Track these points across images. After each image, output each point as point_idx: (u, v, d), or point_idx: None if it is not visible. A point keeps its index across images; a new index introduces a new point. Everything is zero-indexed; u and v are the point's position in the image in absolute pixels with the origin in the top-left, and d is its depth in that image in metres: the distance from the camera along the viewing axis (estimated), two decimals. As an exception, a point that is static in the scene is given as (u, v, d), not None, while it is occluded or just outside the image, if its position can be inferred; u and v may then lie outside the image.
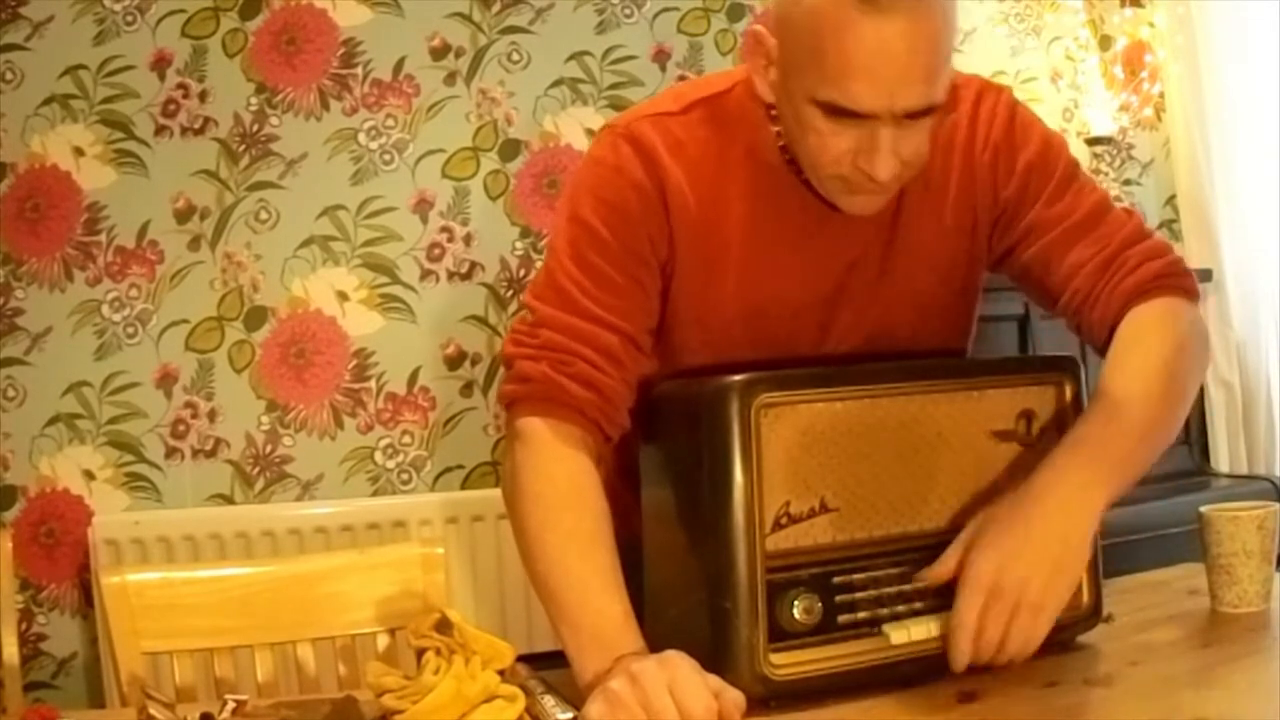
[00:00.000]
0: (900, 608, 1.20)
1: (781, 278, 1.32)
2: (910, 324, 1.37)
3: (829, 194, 1.26)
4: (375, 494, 2.94)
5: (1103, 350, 1.32)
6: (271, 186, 2.91)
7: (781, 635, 1.14)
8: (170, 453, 2.84)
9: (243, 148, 2.90)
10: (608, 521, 1.23)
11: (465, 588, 2.79)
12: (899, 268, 1.35)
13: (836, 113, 1.17)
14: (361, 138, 2.96)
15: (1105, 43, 3.53)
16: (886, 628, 1.18)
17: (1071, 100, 3.52)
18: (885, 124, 1.16)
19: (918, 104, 1.16)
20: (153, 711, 1.11)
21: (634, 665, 1.07)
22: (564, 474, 1.24)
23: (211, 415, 2.86)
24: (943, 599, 1.21)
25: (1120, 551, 1.56)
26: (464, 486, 2.99)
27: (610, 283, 1.27)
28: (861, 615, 1.18)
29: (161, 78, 2.86)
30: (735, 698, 1.06)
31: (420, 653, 1.17)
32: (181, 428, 2.84)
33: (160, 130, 2.86)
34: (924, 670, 1.18)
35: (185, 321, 2.86)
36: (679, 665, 1.06)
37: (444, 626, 1.17)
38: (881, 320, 1.36)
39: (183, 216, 2.87)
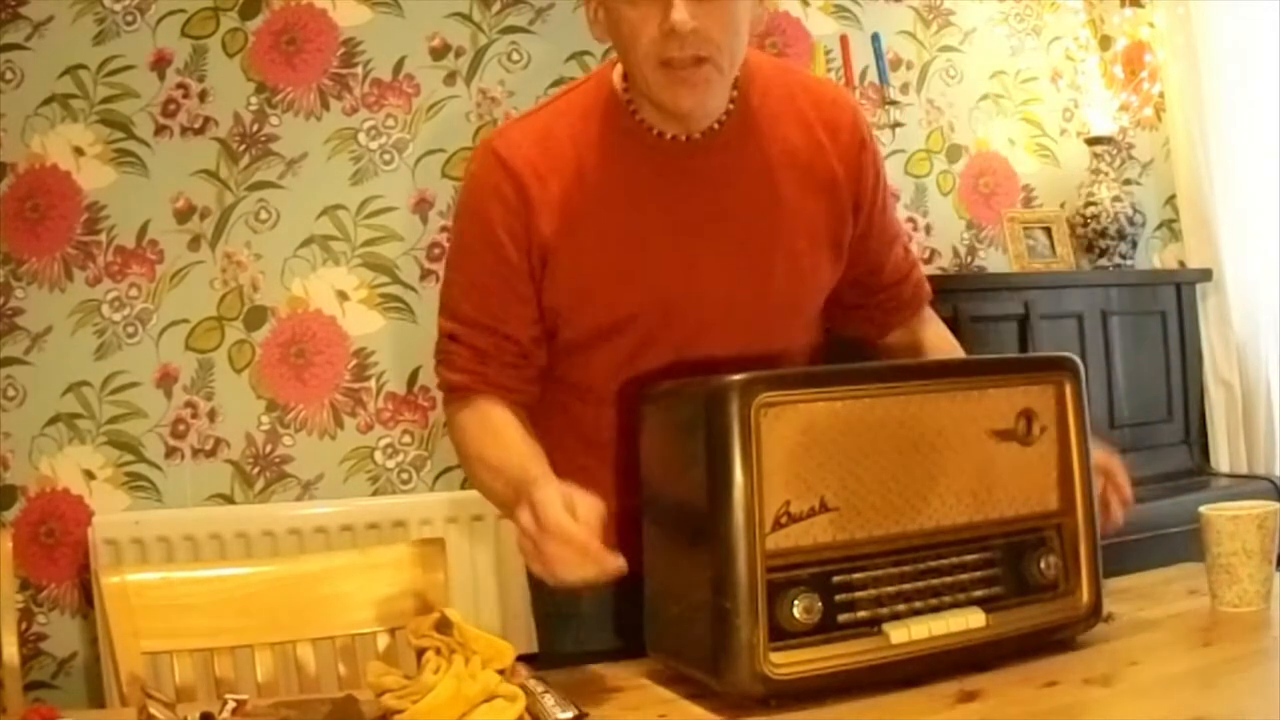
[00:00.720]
0: (900, 607, 1.20)
1: (646, 228, 1.43)
2: (786, 279, 1.47)
3: (659, 96, 1.37)
4: (375, 494, 2.94)
5: (882, 328, 1.63)
6: (271, 186, 2.91)
7: (781, 634, 1.14)
8: (170, 452, 2.84)
9: (243, 147, 2.90)
10: (523, 436, 1.44)
11: (465, 588, 2.79)
12: (767, 225, 1.46)
13: None
14: (361, 137, 2.96)
15: (1105, 43, 3.53)
16: (886, 627, 1.18)
17: (1071, 100, 3.52)
18: None
19: None
20: (153, 711, 1.11)
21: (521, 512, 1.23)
22: (480, 420, 1.47)
23: (211, 415, 2.86)
24: (941, 599, 1.22)
25: (1120, 551, 1.56)
26: (464, 486, 2.98)
27: (481, 288, 1.46)
28: (861, 614, 1.18)
29: (161, 77, 2.86)
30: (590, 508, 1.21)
31: (420, 652, 1.17)
32: (181, 427, 2.84)
33: (160, 130, 2.86)
34: (924, 669, 1.18)
35: (185, 321, 2.86)
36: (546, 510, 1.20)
37: (444, 626, 1.17)
38: (753, 272, 1.46)
39: (183, 216, 2.87)
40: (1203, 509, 1.38)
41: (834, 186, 1.48)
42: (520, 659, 1.19)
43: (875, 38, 3.19)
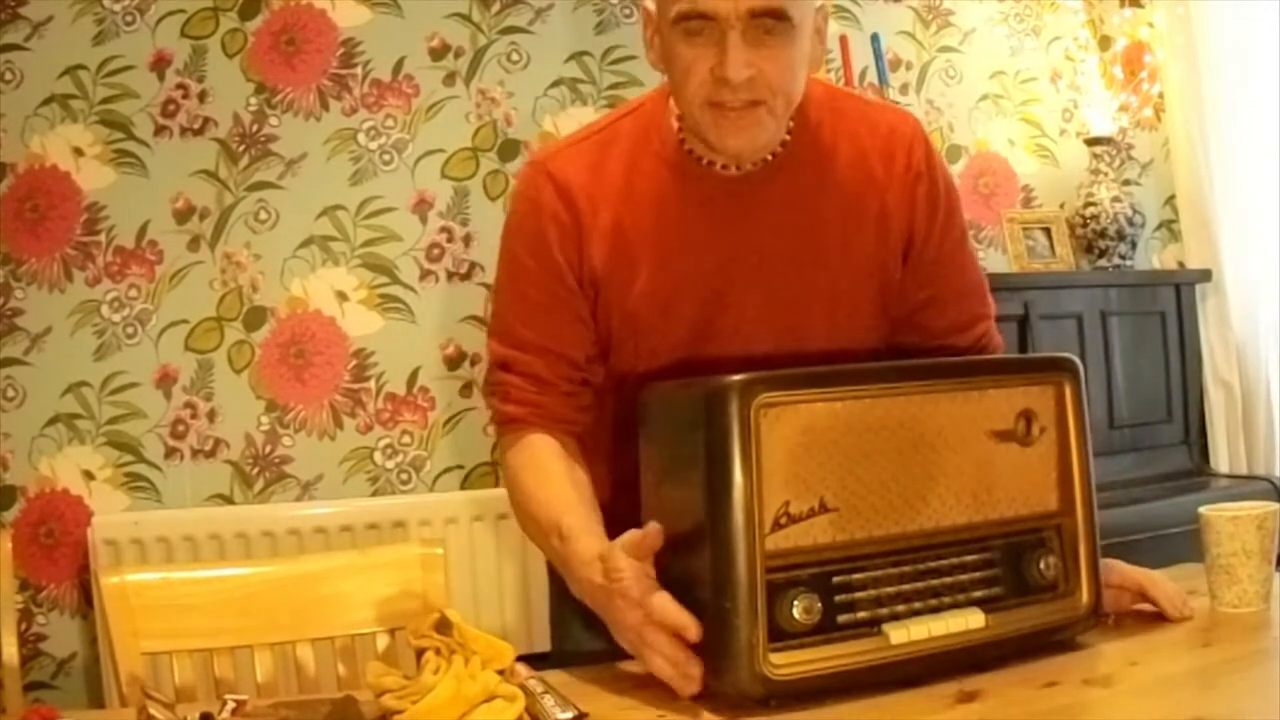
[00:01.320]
0: (900, 607, 1.20)
1: (692, 261, 1.41)
2: (823, 319, 1.45)
3: (706, 135, 1.35)
4: (375, 494, 2.94)
5: None
6: (271, 187, 2.91)
7: (781, 635, 1.14)
8: (170, 453, 2.84)
9: (242, 148, 2.90)
10: (569, 480, 1.40)
11: (465, 588, 2.79)
12: (810, 261, 1.43)
13: (690, 20, 1.28)
14: (361, 138, 2.96)
15: (1105, 43, 3.53)
16: (886, 627, 1.18)
17: (1071, 100, 3.52)
18: (734, 28, 1.27)
19: (760, 3, 1.26)
20: (152, 711, 1.11)
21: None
22: (528, 462, 1.43)
23: (211, 415, 2.86)
24: (941, 599, 1.22)
25: (1120, 551, 1.56)
26: (463, 486, 2.99)
27: (542, 309, 1.44)
28: (861, 615, 1.18)
29: (161, 78, 2.86)
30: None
31: (420, 653, 1.17)
32: (181, 428, 2.84)
33: (160, 130, 2.86)
34: (923, 670, 1.18)
35: (185, 322, 2.86)
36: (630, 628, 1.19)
37: (443, 626, 1.17)
38: (793, 311, 1.44)
39: (182, 217, 2.87)
40: (1202, 510, 1.38)
41: (884, 221, 1.44)
42: (520, 659, 1.19)
43: (875, 38, 3.19)
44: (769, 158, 1.41)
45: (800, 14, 1.30)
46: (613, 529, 1.30)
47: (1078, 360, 1.31)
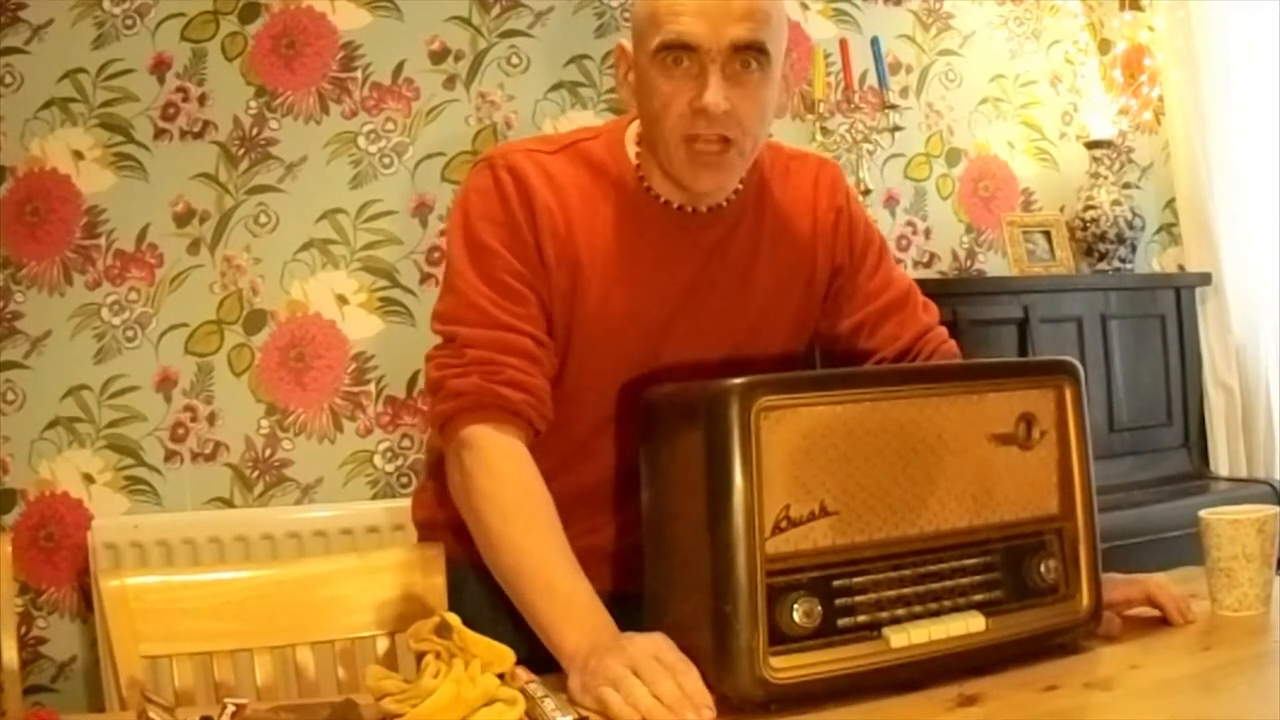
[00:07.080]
0: (900, 611, 1.20)
1: (640, 289, 1.43)
2: (750, 365, 1.48)
3: (679, 172, 1.38)
4: (375, 497, 2.94)
5: None
6: (271, 190, 2.91)
7: (781, 638, 1.14)
8: (169, 456, 2.84)
9: (242, 151, 2.90)
10: (553, 509, 1.33)
11: (465, 591, 2.79)
12: (740, 306, 1.48)
13: (671, 51, 1.32)
14: (361, 141, 2.96)
15: (1105, 46, 3.53)
16: (886, 631, 1.18)
17: (1071, 104, 3.52)
18: (715, 61, 1.32)
19: (744, 36, 1.32)
20: (152, 715, 1.11)
21: (608, 658, 1.15)
22: (513, 472, 1.34)
23: (211, 419, 2.86)
24: (941, 603, 1.22)
25: (1120, 555, 1.56)
26: (463, 490, 2.98)
27: (516, 293, 1.40)
28: (861, 618, 1.18)
29: (161, 81, 2.86)
30: (694, 686, 1.12)
31: (420, 656, 1.17)
32: (181, 431, 2.84)
33: (160, 134, 2.85)
34: (924, 673, 1.18)
35: (185, 325, 2.86)
36: (643, 652, 1.14)
37: (444, 630, 1.17)
38: (719, 349, 1.48)
39: (182, 220, 2.87)
40: (1202, 513, 1.38)
41: (811, 277, 1.52)
42: (520, 663, 1.19)
43: (875, 41, 3.19)
44: (723, 203, 1.46)
45: (776, 53, 1.36)
46: None
47: (1078, 363, 1.31)
